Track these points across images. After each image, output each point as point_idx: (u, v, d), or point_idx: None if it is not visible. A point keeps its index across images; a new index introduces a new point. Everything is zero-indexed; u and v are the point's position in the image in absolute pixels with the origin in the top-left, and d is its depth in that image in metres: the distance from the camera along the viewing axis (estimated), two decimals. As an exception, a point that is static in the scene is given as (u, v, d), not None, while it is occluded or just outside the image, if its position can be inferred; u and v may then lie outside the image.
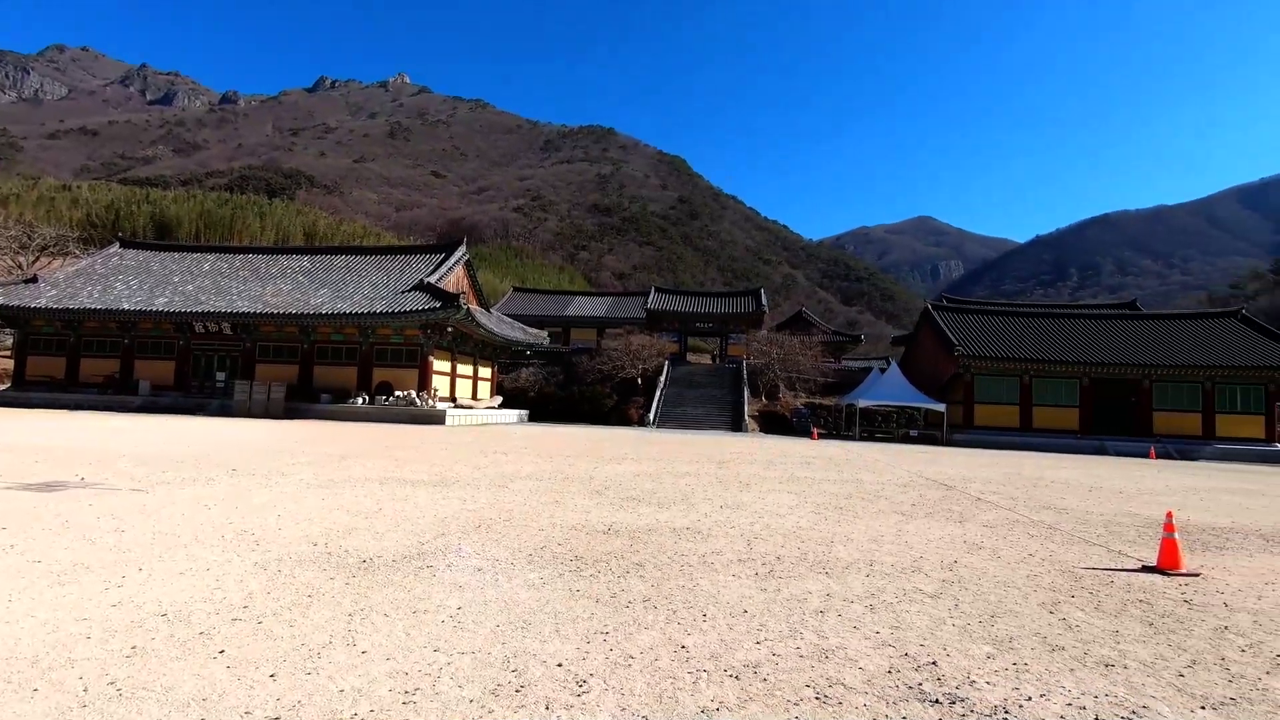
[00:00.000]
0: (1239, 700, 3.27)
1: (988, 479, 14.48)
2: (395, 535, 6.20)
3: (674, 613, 4.22)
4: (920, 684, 3.27)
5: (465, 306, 29.54)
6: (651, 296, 51.35)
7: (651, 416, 36.64)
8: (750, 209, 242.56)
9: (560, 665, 3.29)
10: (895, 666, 3.48)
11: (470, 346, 36.27)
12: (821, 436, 33.02)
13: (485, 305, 39.52)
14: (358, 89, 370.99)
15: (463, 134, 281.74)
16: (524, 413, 38.39)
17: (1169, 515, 6.58)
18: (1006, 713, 3.00)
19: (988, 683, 3.33)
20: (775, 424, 36.71)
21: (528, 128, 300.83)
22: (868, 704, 3.02)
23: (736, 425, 35.32)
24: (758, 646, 3.68)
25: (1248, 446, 30.30)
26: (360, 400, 29.97)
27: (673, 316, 50.02)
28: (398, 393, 30.14)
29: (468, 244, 38.51)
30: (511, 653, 3.43)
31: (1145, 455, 28.23)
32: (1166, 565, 6.04)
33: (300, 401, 29.80)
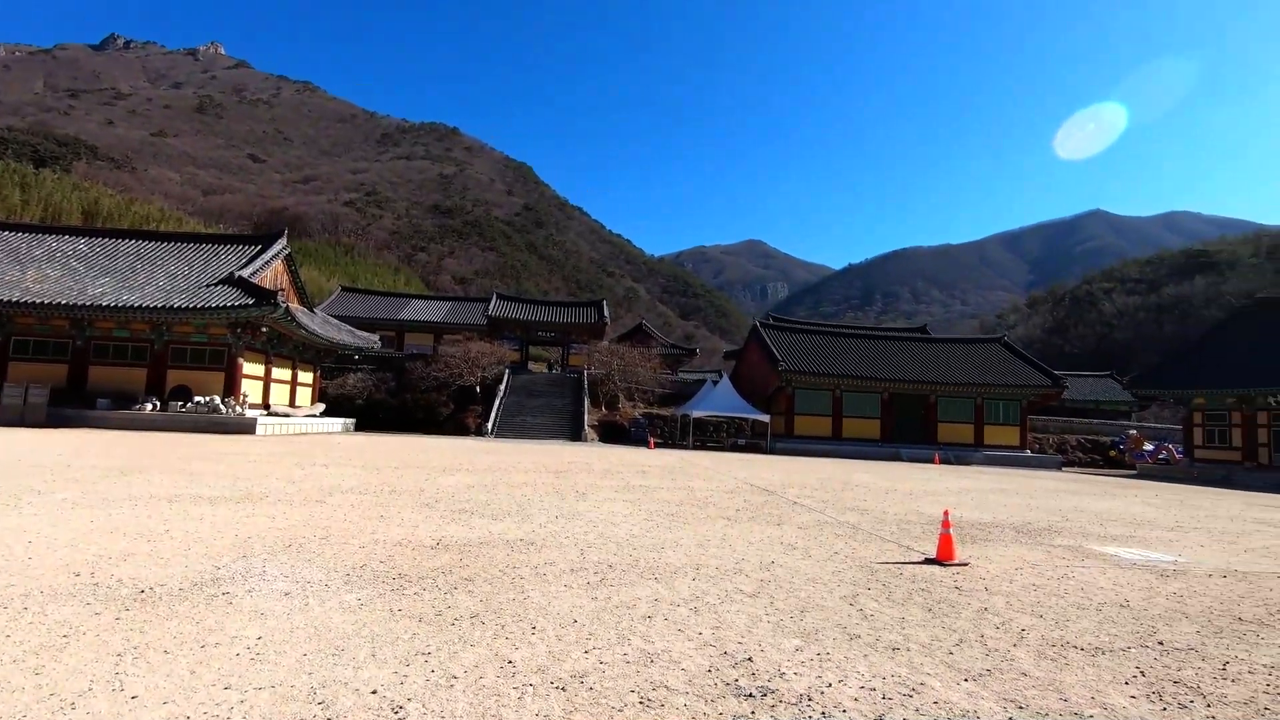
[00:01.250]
0: (993, 671, 3.81)
1: (804, 484, 15.76)
2: (185, 560, 5.46)
3: (502, 627, 4.11)
4: (737, 680, 3.46)
5: (284, 305, 26.94)
6: (493, 303, 50.25)
7: (490, 426, 35.74)
8: (596, 221, 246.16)
9: (375, 692, 3.07)
10: (715, 665, 3.65)
11: (289, 348, 33.16)
12: (658, 446, 34.12)
13: (308, 304, 36.35)
14: (159, 54, 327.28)
15: (287, 117, 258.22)
16: (350, 421, 35.73)
17: (945, 513, 7.56)
18: (810, 700, 3.26)
19: (795, 673, 3.60)
20: (614, 433, 37.35)
21: (364, 118, 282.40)
22: (688, 704, 3.13)
23: (576, 434, 35.47)
24: (586, 656, 3.69)
25: (1007, 452, 35.77)
26: (150, 406, 26.20)
27: (515, 324, 49.30)
28: (198, 398, 26.74)
29: (290, 237, 35.19)
30: (319, 683, 3.14)
31: (931, 460, 32.29)
32: (943, 557, 6.93)
33: (70, 407, 25.46)
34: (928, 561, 6.94)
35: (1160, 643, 4.51)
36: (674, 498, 11.59)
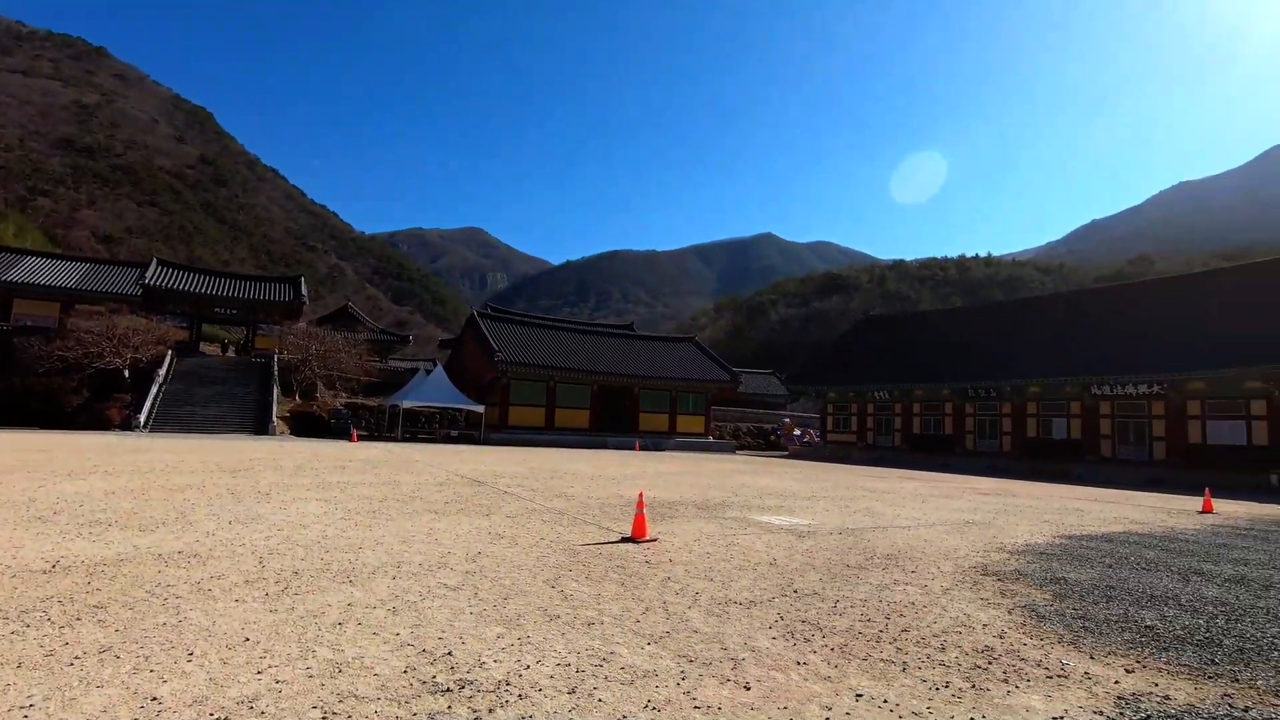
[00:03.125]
0: (671, 633, 4.29)
1: (515, 473, 15.98)
2: None
3: (146, 659, 3.43)
4: (434, 677, 3.37)
5: None
6: (153, 269, 41.56)
7: (144, 418, 29.51)
8: (295, 187, 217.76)
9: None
10: (412, 665, 3.51)
11: None
12: (363, 438, 31.62)
13: None
14: None
15: None
16: (-86, 413, 26.50)
17: (640, 495, 8.30)
18: (508, 684, 3.31)
19: (495, 660, 3.63)
20: (311, 426, 33.63)
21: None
22: (379, 710, 2.96)
23: (262, 428, 31.13)
24: (259, 677, 3.26)
25: (695, 439, 40.65)
26: None
27: (182, 297, 41.46)
28: None
29: None
30: None
31: (633, 448, 35.21)
32: (637, 535, 7.60)
33: None
34: (624, 540, 7.54)
35: (795, 590, 5.54)
36: (377, 493, 10.86)
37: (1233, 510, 14.47)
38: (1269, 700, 3.55)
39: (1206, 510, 13.75)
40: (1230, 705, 3.46)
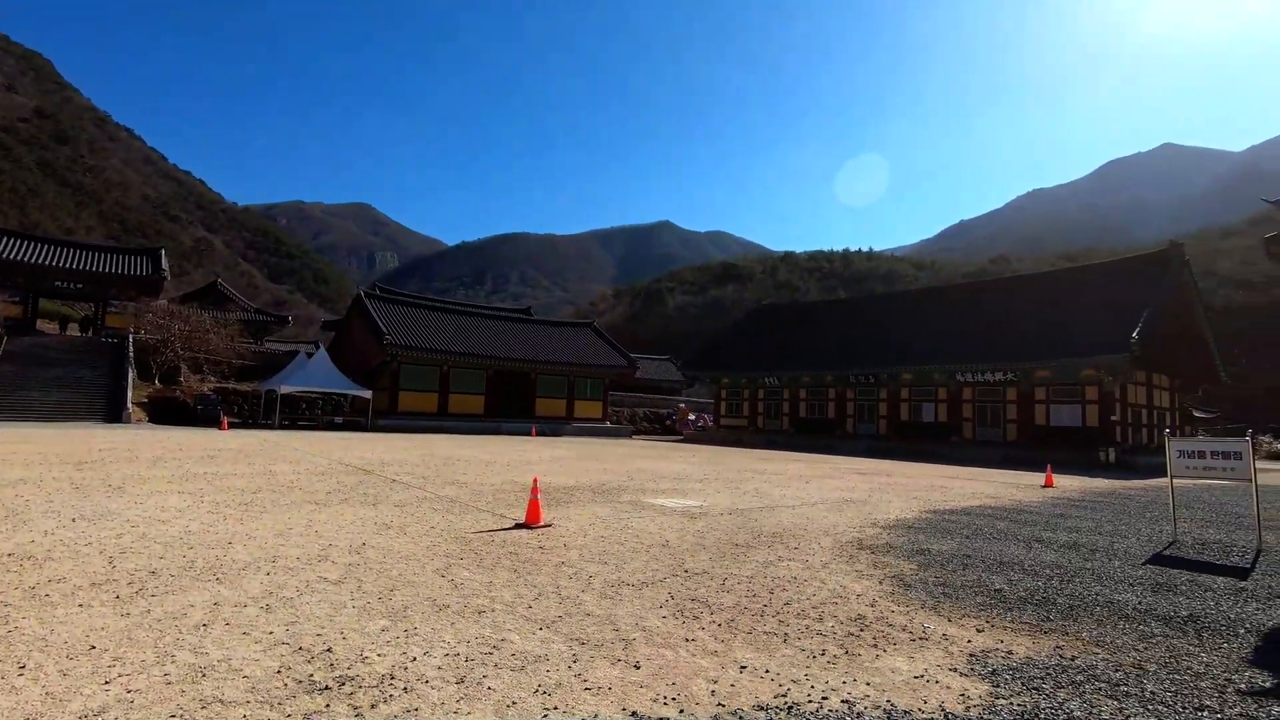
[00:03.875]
0: (564, 616, 4.30)
1: (404, 461, 15.40)
2: None
3: (-34, 676, 3.03)
4: (311, 675, 3.20)
5: None
6: (-24, 236, 36.37)
7: (-35, 405, 25.91)
8: (154, 150, 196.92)
9: None
10: (287, 664, 3.31)
11: None
12: (235, 426, 29.34)
13: None
14: None
15: None
16: None
17: (535, 481, 8.24)
18: (393, 678, 3.20)
19: (379, 655, 3.50)
20: (174, 413, 30.81)
21: None
22: (248, 714, 2.78)
23: (115, 415, 28.18)
24: (106, 688, 2.97)
25: (592, 424, 40.74)
26: None
27: (14, 267, 36.62)
28: None
29: None
30: None
31: (529, 434, 34.81)
32: (531, 521, 7.54)
33: None
34: (518, 526, 7.46)
35: (686, 570, 5.69)
36: (250, 485, 10.13)
37: (1069, 485, 16.27)
38: (1090, 649, 4.05)
39: (1048, 485, 15.38)
40: (1060, 655, 3.91)
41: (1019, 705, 3.19)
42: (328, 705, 2.89)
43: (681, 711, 3.00)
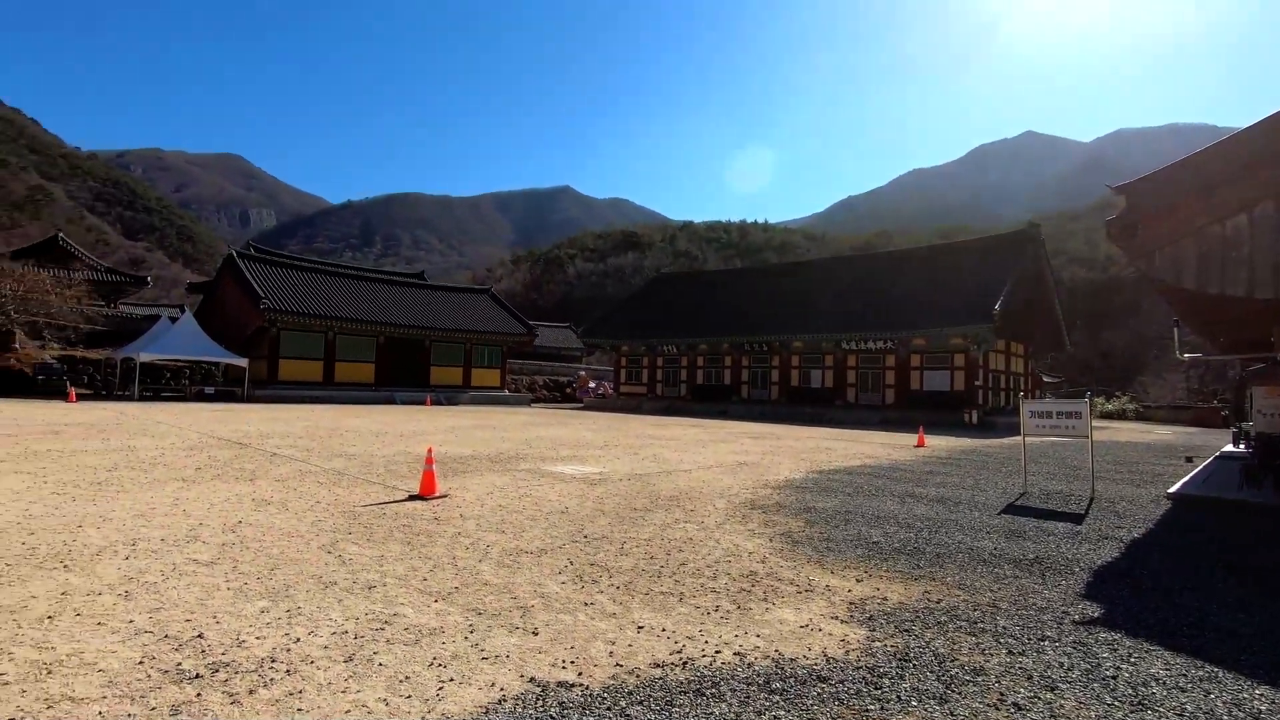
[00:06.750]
0: (460, 588, 4.22)
1: (286, 433, 14.49)
2: None
3: None
4: (179, 664, 2.96)
5: None
6: None
7: None
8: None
9: None
10: (150, 654, 3.05)
11: None
12: (85, 398, 26.46)
13: None
14: None
15: None
16: None
17: (429, 451, 7.98)
18: (274, 661, 3.02)
19: (258, 637, 3.29)
20: (9, 384, 27.36)
21: None
22: (105, 711, 2.53)
23: (-67, 387, 24.67)
24: (-75, 694, 2.61)
25: (490, 393, 39.96)
26: None
27: None
28: None
29: None
30: None
31: (424, 403, 33.66)
32: (426, 492, 7.31)
33: None
34: (411, 498, 7.22)
35: (585, 536, 5.73)
36: (104, 462, 9.19)
37: (938, 444, 17.70)
38: (954, 592, 4.44)
39: (920, 445, 16.66)
40: (928, 599, 4.27)
41: (892, 646, 3.46)
42: (199, 694, 2.69)
43: (580, 674, 3.03)
